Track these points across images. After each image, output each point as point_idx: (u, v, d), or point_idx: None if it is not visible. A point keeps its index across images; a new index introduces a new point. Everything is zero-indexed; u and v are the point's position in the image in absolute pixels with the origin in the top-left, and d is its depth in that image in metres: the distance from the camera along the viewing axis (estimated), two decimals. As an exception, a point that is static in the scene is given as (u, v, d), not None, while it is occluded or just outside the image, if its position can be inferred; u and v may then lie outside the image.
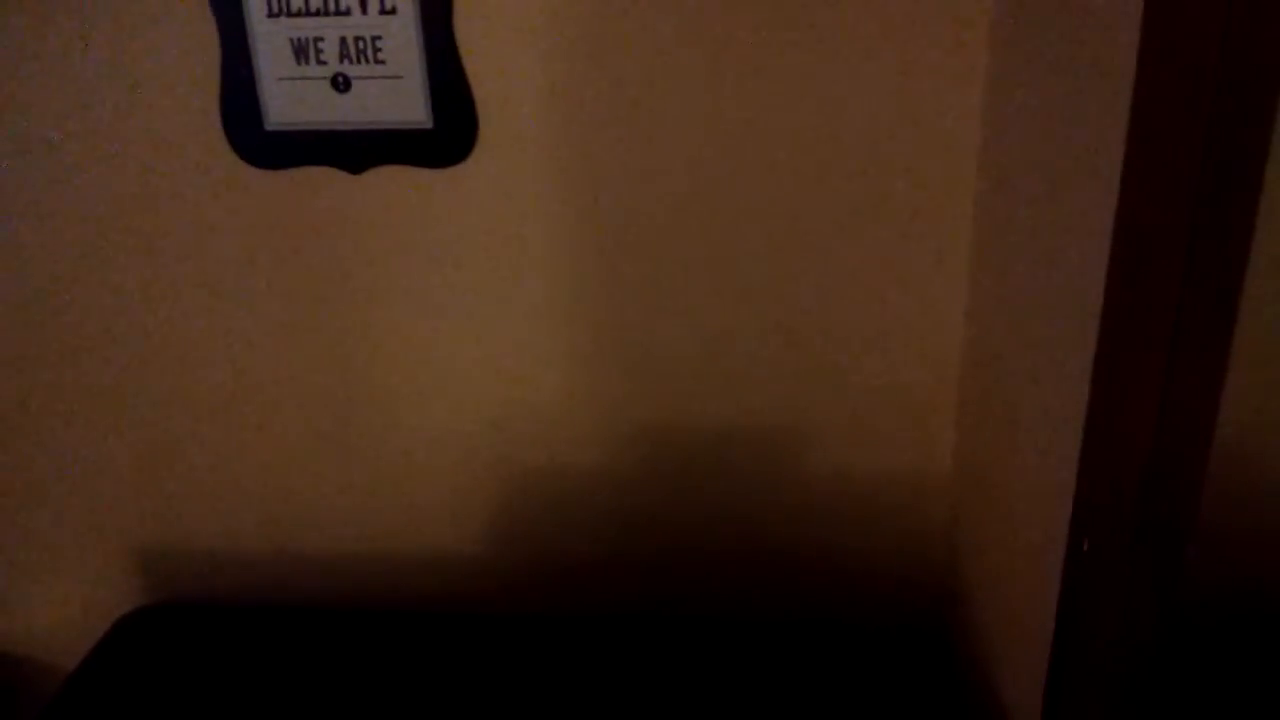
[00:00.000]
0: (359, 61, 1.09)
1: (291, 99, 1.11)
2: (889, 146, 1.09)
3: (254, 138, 1.13)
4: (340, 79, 1.10)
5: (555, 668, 1.20)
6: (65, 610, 1.46)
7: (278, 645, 1.27)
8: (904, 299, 1.16)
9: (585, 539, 1.34)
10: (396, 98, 1.10)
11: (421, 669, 1.21)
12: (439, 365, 1.24)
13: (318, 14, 1.08)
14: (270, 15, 1.08)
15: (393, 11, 1.07)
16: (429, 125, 1.11)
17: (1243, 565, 0.79)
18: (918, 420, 1.22)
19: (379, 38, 1.08)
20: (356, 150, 1.13)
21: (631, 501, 1.31)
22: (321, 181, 1.15)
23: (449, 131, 1.11)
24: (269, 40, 1.09)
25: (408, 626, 1.28)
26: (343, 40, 1.08)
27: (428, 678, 1.20)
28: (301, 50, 1.09)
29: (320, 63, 1.09)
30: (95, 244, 1.20)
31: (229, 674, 1.23)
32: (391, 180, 1.14)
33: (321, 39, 1.08)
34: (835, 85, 1.07)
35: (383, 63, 1.09)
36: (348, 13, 1.07)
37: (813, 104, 1.08)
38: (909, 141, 1.09)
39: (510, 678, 1.19)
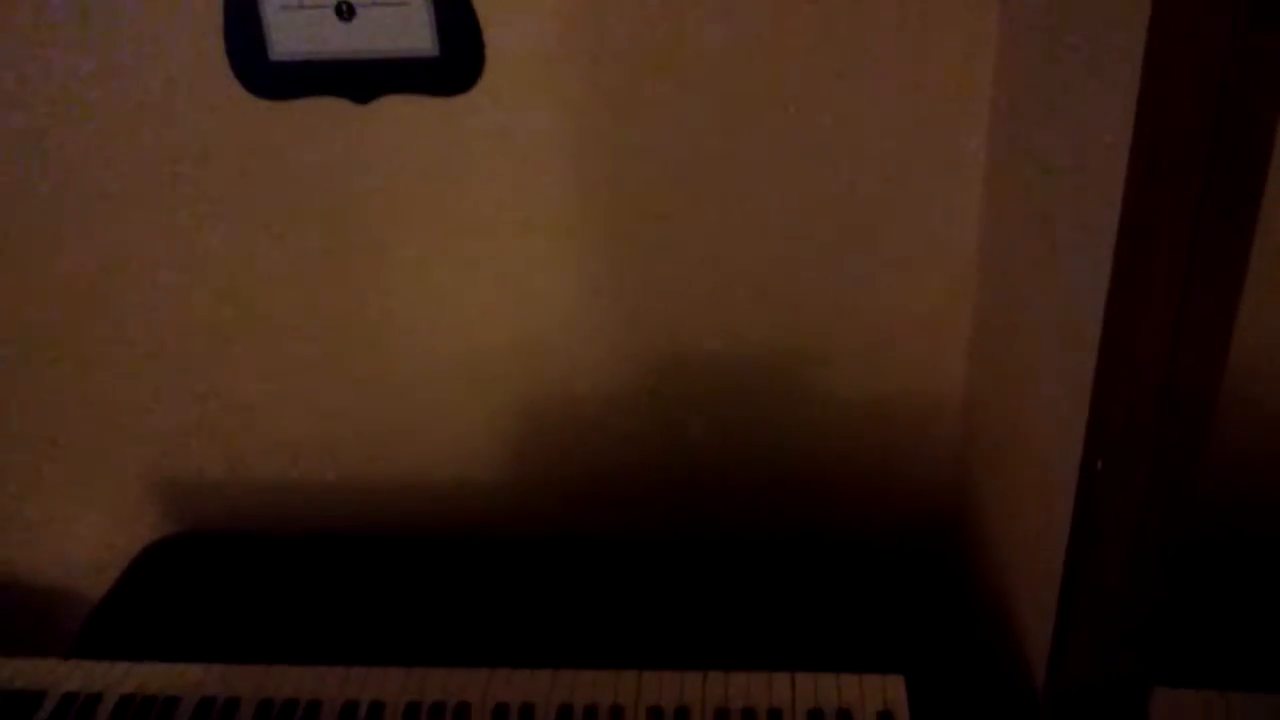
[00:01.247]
0: (362, -12, 1.07)
1: (295, 28, 1.10)
2: (903, 57, 1.07)
3: (259, 69, 1.12)
4: (344, 6, 1.08)
5: (570, 589, 1.22)
6: (91, 541, 1.48)
7: (299, 570, 1.29)
8: (918, 219, 1.15)
9: (598, 463, 1.35)
10: (401, 25, 1.08)
11: (436, 590, 1.23)
12: (451, 292, 1.24)
13: (319, -61, 1.06)
14: (271, -58, 1.06)
15: (395, -65, 1.05)
16: (435, 53, 1.09)
17: (1258, 483, 0.79)
18: (930, 340, 1.22)
19: (382, -37, 1.06)
20: (362, 80, 1.12)
21: (645, 425, 1.32)
22: (328, 112, 1.14)
23: (455, 59, 1.10)
24: (271, -33, 1.07)
25: (423, 550, 1.30)
26: (345, -34, 1.07)
27: (443, 598, 1.22)
28: (304, -23, 1.07)
29: (323, -10, 1.08)
30: (99, 180, 1.19)
31: (253, 599, 1.25)
32: (399, 109, 1.13)
33: (324, -35, 1.07)
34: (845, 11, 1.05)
35: (386, -12, 1.07)
36: (350, -63, 1.06)
37: (825, 28, 1.06)
38: (922, 51, 1.06)
39: (525, 599, 1.21)
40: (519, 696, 1.01)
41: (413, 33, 1.09)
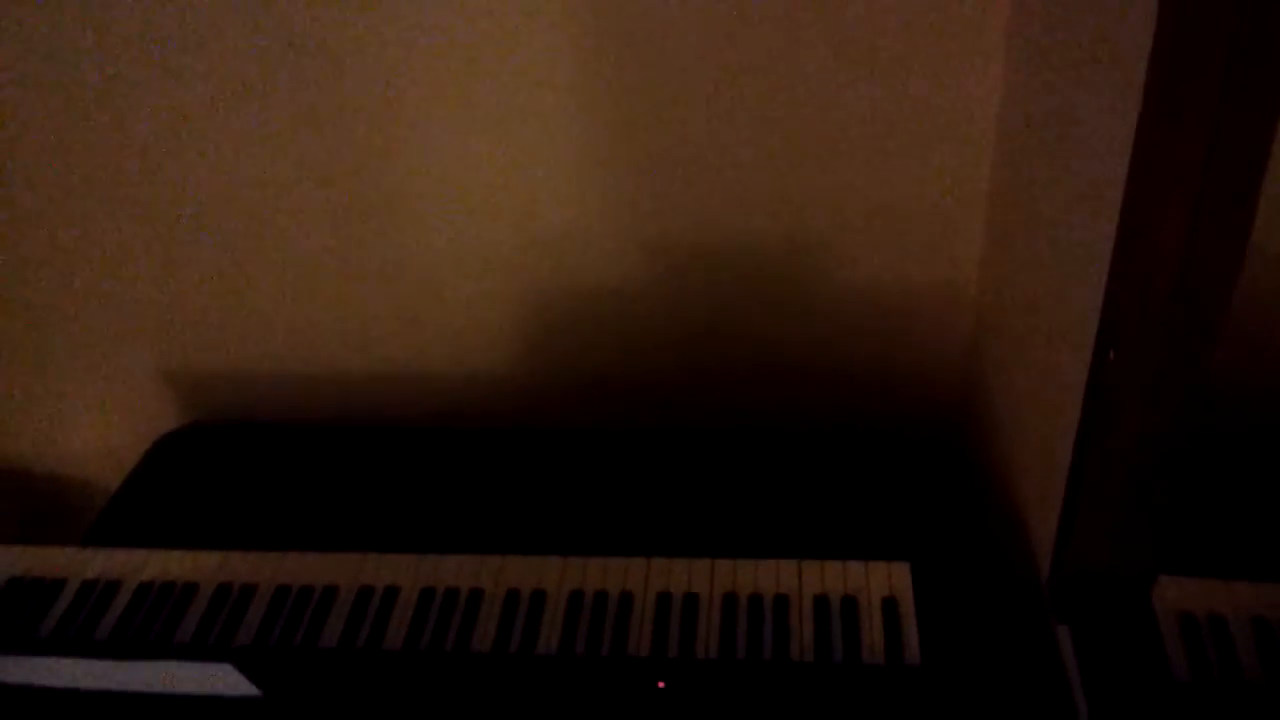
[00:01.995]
0: None
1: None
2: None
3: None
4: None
5: (580, 479, 1.23)
6: (105, 431, 1.50)
7: (313, 460, 1.31)
8: (934, 107, 1.12)
9: (606, 353, 1.35)
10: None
11: (450, 480, 1.25)
12: (462, 182, 1.22)
13: None
14: None
15: None
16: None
17: (1267, 376, 0.78)
18: (944, 229, 1.20)
19: None
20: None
21: (655, 315, 1.31)
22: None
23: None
24: None
25: (436, 440, 1.31)
26: None
27: (456, 488, 1.23)
28: None
29: None
30: (106, 66, 1.17)
31: (268, 488, 1.27)
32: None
33: None
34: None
35: None
36: None
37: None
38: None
39: (537, 489, 1.22)
40: (531, 583, 1.03)
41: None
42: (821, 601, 0.98)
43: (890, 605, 0.97)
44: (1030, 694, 0.95)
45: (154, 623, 1.02)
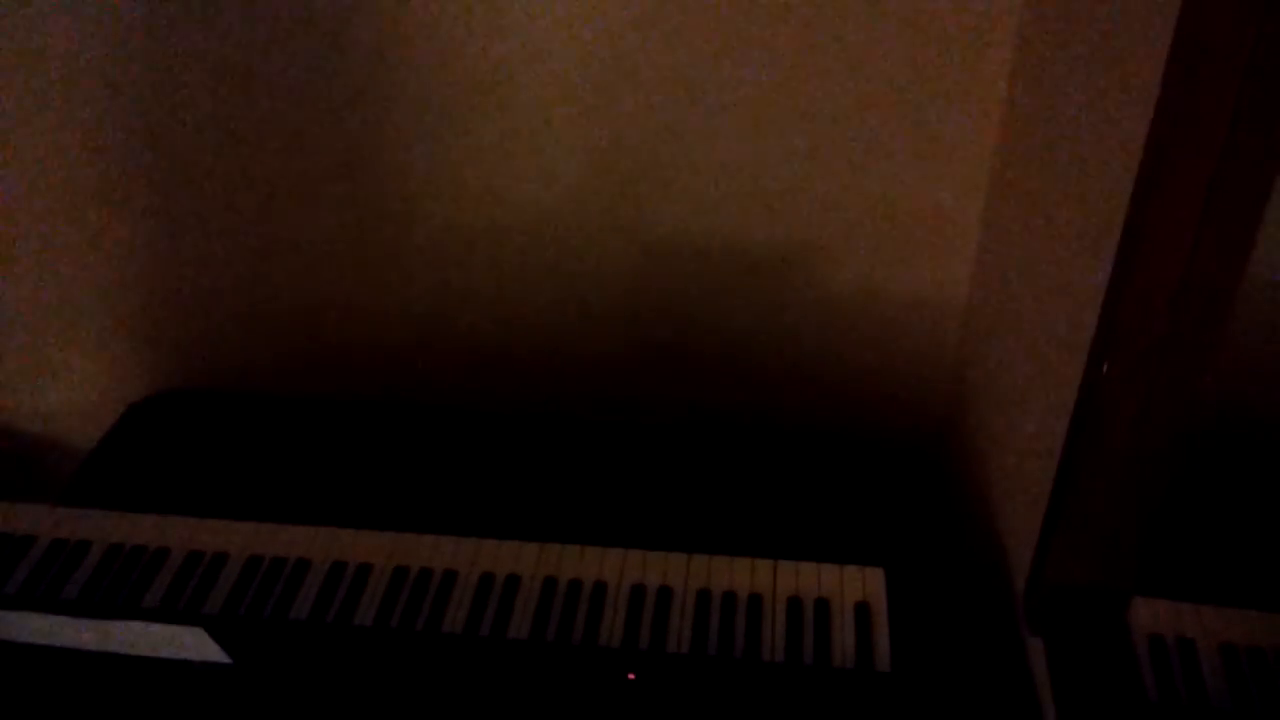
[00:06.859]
0: None
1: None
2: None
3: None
4: None
5: (562, 468, 1.23)
6: (83, 392, 1.48)
7: (289, 433, 1.30)
8: (935, 114, 1.13)
9: (597, 341, 1.35)
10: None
11: (428, 459, 1.24)
12: (458, 162, 1.22)
13: None
14: None
15: None
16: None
17: (1259, 398, 0.79)
18: (938, 240, 1.21)
19: None
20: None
21: (645, 308, 1.31)
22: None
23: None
24: None
25: (417, 418, 1.31)
26: None
27: (434, 468, 1.23)
28: None
29: None
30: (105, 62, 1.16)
31: (245, 457, 1.26)
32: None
33: None
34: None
35: None
36: None
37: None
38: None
39: (518, 474, 1.22)
40: (505, 568, 1.02)
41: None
42: (795, 603, 0.98)
43: (863, 610, 0.97)
44: (998, 705, 0.96)
45: (123, 585, 1.01)
